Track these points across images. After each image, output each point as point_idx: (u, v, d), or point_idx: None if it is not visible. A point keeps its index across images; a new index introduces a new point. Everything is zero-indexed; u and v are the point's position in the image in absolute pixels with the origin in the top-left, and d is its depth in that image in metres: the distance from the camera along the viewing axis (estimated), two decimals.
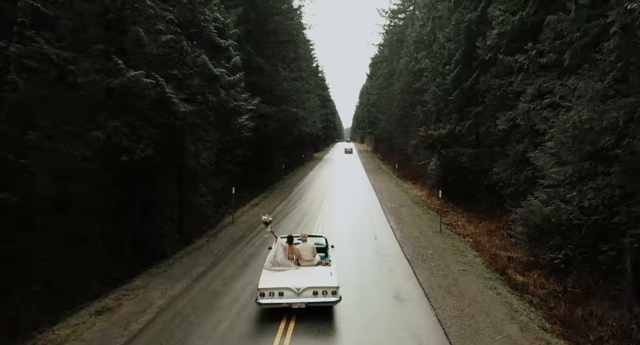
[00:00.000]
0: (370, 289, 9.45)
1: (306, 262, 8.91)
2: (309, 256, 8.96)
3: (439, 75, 20.75)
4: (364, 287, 9.57)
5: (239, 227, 16.40)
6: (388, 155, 55.56)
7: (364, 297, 8.99)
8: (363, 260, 11.75)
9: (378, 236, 14.54)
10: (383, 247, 13.05)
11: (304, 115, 27.66)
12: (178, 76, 11.35)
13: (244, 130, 17.49)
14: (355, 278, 10.12)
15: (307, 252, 8.99)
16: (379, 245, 13.18)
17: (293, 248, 9.02)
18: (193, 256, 12.32)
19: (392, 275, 10.38)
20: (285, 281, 8.05)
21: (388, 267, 11.04)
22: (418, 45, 35.54)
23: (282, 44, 28.63)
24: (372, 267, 11.01)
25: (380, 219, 17.63)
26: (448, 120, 20.39)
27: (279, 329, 7.52)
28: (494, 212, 18.34)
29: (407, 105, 39.53)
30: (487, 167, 18.69)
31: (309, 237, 9.34)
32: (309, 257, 8.96)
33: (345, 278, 9.62)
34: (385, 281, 9.95)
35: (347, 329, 7.56)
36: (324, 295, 7.89)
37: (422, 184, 30.11)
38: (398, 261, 11.59)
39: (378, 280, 10.07)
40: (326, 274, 8.41)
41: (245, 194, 26.44)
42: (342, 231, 15.10)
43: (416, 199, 23.72)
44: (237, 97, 14.70)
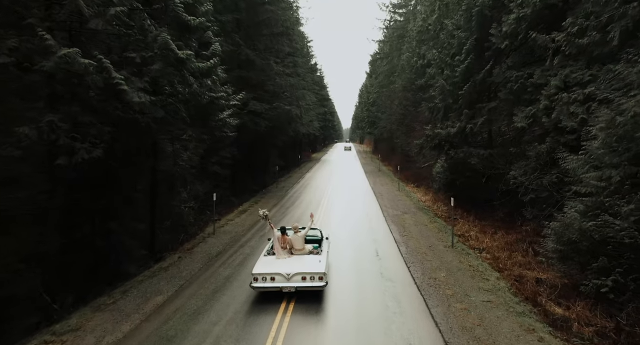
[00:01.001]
0: (374, 337, 7.28)
1: (298, 251, 9.84)
2: (299, 245, 9.87)
3: (447, 67, 18.63)
4: (364, 330, 7.40)
5: (220, 240, 14.25)
6: (388, 155, 53.43)
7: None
8: (364, 286, 9.60)
9: (380, 252, 12.39)
10: (386, 267, 10.91)
11: (298, 113, 25.49)
12: (136, 60, 9.20)
13: (226, 128, 15.32)
14: (353, 315, 7.96)
15: (298, 242, 9.88)
16: (381, 266, 11.03)
17: (286, 238, 9.89)
18: (155, 280, 10.16)
19: (400, 310, 8.15)
20: (277, 267, 8.90)
21: (394, 296, 8.87)
22: (422, 37, 33.54)
23: (275, 37, 26.49)
24: (374, 298, 8.81)
25: (381, 230, 15.50)
26: (457, 118, 18.26)
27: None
28: (511, 221, 16.21)
29: (409, 104, 37.49)
30: (503, 170, 16.59)
31: (302, 230, 10.09)
32: (300, 246, 9.88)
33: (344, 316, 7.68)
34: (393, 322, 7.70)
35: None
36: (311, 280, 8.64)
37: (426, 187, 27.97)
38: (406, 288, 9.43)
39: (383, 319, 7.86)
40: (315, 262, 9.24)
41: (234, 198, 24.31)
42: (339, 246, 12.98)
43: (420, 205, 21.58)
44: (215, 89, 12.54)
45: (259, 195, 25.93)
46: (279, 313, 8.10)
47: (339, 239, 13.88)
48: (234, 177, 27.01)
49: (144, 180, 14.07)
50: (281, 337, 7.13)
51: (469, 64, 17.28)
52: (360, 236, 14.43)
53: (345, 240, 13.87)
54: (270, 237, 10.28)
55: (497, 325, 7.47)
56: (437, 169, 22.63)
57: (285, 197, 24.20)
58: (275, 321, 7.72)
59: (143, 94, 8.76)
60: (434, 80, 20.34)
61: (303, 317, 7.89)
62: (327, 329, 7.40)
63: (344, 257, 11.79)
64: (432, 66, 21.11)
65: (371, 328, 7.40)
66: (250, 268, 9.52)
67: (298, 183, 31.17)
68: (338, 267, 10.87)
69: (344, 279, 10.04)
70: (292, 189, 27.78)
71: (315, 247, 10.31)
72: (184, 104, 11.32)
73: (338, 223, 16.32)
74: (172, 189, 15.94)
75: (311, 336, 7.18)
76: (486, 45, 17.03)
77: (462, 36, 17.60)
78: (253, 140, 27.77)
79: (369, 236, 14.47)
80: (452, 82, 18.25)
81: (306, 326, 7.54)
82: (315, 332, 7.32)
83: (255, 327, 7.50)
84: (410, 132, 35.31)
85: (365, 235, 14.61)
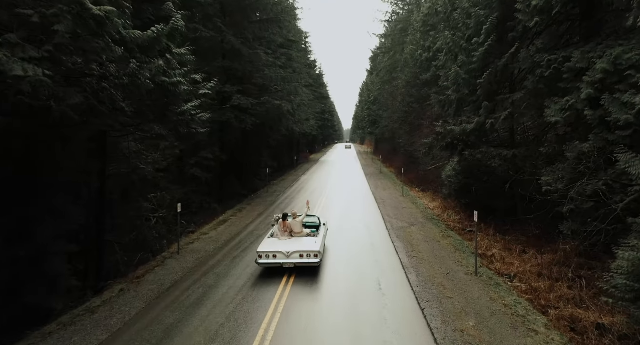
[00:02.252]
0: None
1: (297, 234, 11.24)
2: (298, 229, 11.28)
3: (462, 52, 15.74)
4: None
5: (182, 263, 11.37)
6: (390, 157, 50.52)
7: None
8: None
9: (384, 283, 9.50)
10: (392, 310, 8.01)
11: (290, 109, 22.58)
12: (33, 19, 6.36)
13: (194, 124, 12.46)
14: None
15: (296, 226, 11.31)
16: (385, 307, 8.12)
17: (286, 223, 11.27)
18: (71, 330, 7.29)
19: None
20: (279, 247, 10.26)
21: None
22: (430, 21, 30.84)
23: (265, 24, 23.63)
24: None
25: (385, 248, 12.63)
26: (474, 112, 15.38)
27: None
28: (543, 237, 13.35)
29: (413, 100, 34.68)
30: (531, 174, 13.74)
31: (299, 217, 11.64)
32: (299, 229, 11.28)
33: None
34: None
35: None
36: (307, 258, 9.99)
37: (433, 192, 25.08)
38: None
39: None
40: (311, 242, 10.55)
41: (217, 205, 21.47)
42: (331, 272, 10.11)
43: (429, 214, 18.70)
44: (171, 73, 9.69)
45: (246, 201, 23.08)
46: (281, 285, 9.40)
47: (333, 263, 11.02)
48: (218, 182, 24.18)
49: (85, 188, 11.22)
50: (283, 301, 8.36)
51: (489, 48, 14.41)
52: (359, 258, 11.54)
53: (340, 263, 11.01)
54: (274, 223, 12.08)
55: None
56: (447, 172, 19.73)
57: (275, 204, 21.33)
58: (277, 291, 8.96)
59: (33, 66, 5.90)
60: (445, 70, 17.43)
61: (301, 288, 9.19)
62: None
63: (337, 294, 8.89)
64: (443, 52, 18.23)
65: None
66: (211, 315, 7.80)
67: (292, 187, 28.29)
68: (329, 311, 8.01)
69: (330, 328, 7.18)
70: (284, 194, 24.91)
71: (313, 232, 11.77)
72: (121, 89, 8.46)
73: (333, 239, 13.44)
74: (127, 197, 13.10)
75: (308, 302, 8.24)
76: (509, 24, 14.20)
77: (481, 14, 14.72)
78: (240, 139, 24.96)
79: (369, 257, 11.59)
80: (468, 70, 15.38)
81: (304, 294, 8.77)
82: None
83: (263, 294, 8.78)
84: (414, 131, 32.46)
85: (365, 256, 11.72)
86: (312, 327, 7.29)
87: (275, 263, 9.92)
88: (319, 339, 6.87)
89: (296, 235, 11.15)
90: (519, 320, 7.53)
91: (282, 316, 7.70)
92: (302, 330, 7.15)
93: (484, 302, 8.34)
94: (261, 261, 10.00)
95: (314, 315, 7.78)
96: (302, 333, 7.05)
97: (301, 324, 7.41)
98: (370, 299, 8.51)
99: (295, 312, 7.91)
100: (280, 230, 11.16)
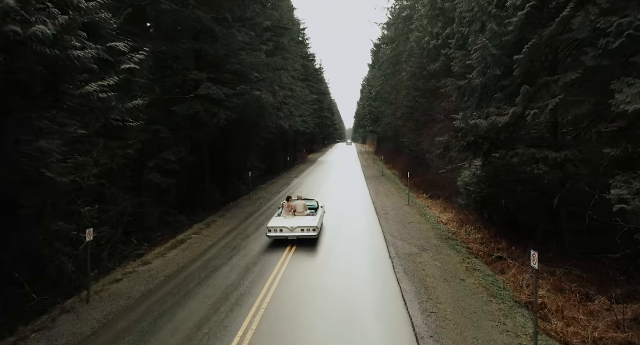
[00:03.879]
0: None
1: (299, 213, 13.63)
2: (301, 209, 13.74)
3: (490, 20, 11.85)
4: None
5: (77, 327, 7.54)
6: (393, 157, 46.61)
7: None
8: None
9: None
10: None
11: (274, 101, 18.69)
12: None
13: (113, 113, 8.65)
14: None
15: (300, 206, 13.84)
16: None
17: (291, 204, 13.84)
18: None
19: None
20: (284, 223, 12.57)
21: None
22: (437, 5, 27.15)
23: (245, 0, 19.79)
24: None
25: (389, 290, 8.82)
26: (508, 100, 11.50)
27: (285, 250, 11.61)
28: (612, 273, 9.53)
29: (419, 94, 30.81)
30: (590, 185, 9.95)
31: (304, 200, 14.53)
32: (301, 210, 13.73)
33: None
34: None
35: None
36: (308, 232, 12.29)
37: (445, 199, 21.25)
38: None
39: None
40: (311, 220, 12.96)
41: (185, 217, 17.68)
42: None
43: (443, 231, 14.87)
44: (37, 21, 5.90)
45: (223, 210, 19.31)
46: (285, 252, 11.64)
47: (312, 330, 7.25)
48: (189, 188, 20.39)
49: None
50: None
51: (529, 13, 10.55)
52: (352, 314, 7.73)
53: (323, 331, 7.24)
54: (280, 206, 14.55)
55: None
56: (465, 179, 15.89)
57: (253, 216, 17.51)
58: (283, 255, 11.22)
59: None
60: (468, 44, 13.52)
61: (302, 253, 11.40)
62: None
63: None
64: (466, 20, 14.34)
65: None
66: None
67: (280, 192, 24.48)
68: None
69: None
70: (268, 202, 21.10)
71: (312, 212, 13.99)
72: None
73: (315, 281, 9.62)
74: (11, 214, 9.27)
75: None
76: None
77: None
78: (220, 137, 21.18)
79: (367, 316, 7.77)
80: (499, 44, 11.54)
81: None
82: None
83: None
84: (421, 128, 28.56)
85: (360, 313, 7.90)
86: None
87: (281, 236, 12.35)
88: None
89: (299, 215, 13.56)
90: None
91: (287, 269, 9.84)
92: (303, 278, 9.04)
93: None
94: (270, 234, 12.43)
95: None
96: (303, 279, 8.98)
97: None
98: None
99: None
100: (285, 210, 13.70)
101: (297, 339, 6.75)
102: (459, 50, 28.29)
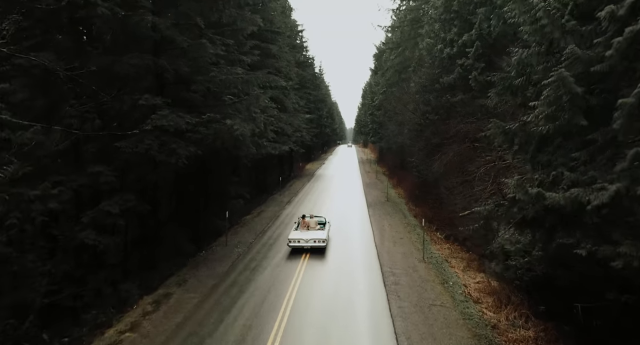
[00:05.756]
0: None
1: (312, 228, 17.38)
2: (313, 225, 17.60)
3: (565, 38, 7.72)
4: None
5: None
6: (397, 171, 42.59)
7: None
8: None
9: None
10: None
11: (248, 132, 14.49)
12: None
13: None
14: None
15: (312, 223, 17.71)
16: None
17: (305, 221, 17.79)
18: None
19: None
20: (301, 235, 16.41)
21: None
22: (451, 8, 23.18)
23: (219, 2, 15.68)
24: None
25: None
26: (590, 160, 7.40)
27: (302, 257, 15.49)
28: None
29: (430, 109, 26.73)
30: None
31: (315, 217, 18.56)
32: (313, 225, 17.59)
33: None
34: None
35: None
36: (319, 243, 16.08)
37: (467, 249, 17.29)
38: None
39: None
40: (321, 233, 16.75)
41: (132, 285, 13.54)
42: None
43: (477, 319, 10.81)
44: None
45: (189, 266, 15.25)
46: (302, 258, 15.49)
47: None
48: (144, 234, 16.29)
49: None
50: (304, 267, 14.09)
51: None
52: None
53: None
54: (296, 222, 18.51)
55: None
56: (507, 245, 11.78)
57: (222, 286, 13.41)
58: (300, 261, 15.09)
59: None
60: (507, 65, 9.27)
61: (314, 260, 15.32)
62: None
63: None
64: (525, 31, 10.16)
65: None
66: None
67: (265, 232, 20.39)
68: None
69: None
70: (247, 254, 16.95)
71: (321, 227, 17.75)
72: None
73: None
74: None
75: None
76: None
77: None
78: (191, 166, 17.05)
79: None
80: (581, 75, 7.42)
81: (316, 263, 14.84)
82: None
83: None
84: (432, 151, 24.44)
85: None
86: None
87: (299, 245, 16.16)
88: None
89: (311, 229, 17.34)
90: None
91: (305, 271, 14.02)
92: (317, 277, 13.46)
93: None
94: (291, 244, 16.23)
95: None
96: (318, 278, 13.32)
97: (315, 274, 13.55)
98: None
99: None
100: (301, 225, 17.68)
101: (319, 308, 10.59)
102: (477, 61, 24.05)
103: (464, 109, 22.83)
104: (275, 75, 28.71)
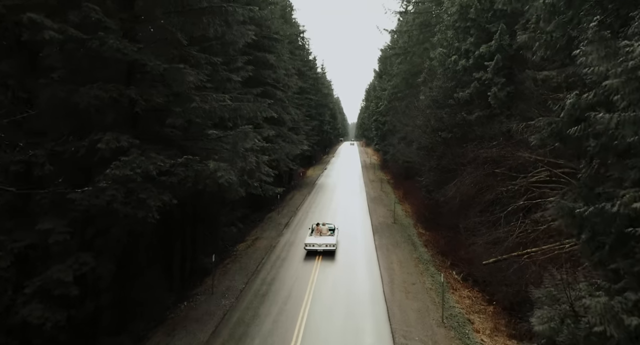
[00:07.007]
0: None
1: (324, 234, 20.99)
2: (325, 232, 21.20)
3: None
4: None
5: None
6: (403, 182, 40.18)
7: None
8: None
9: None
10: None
11: (234, 179, 12.06)
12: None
13: None
14: None
15: (324, 230, 21.29)
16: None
17: (319, 228, 21.49)
18: None
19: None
20: (315, 240, 19.92)
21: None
22: (467, 15, 20.82)
23: (203, 14, 13.21)
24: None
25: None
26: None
27: (316, 258, 18.85)
28: None
29: (444, 127, 24.30)
30: None
31: (327, 224, 22.09)
32: (325, 232, 21.17)
33: None
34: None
35: None
36: (330, 246, 19.55)
37: (487, 290, 14.99)
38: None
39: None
40: (331, 239, 20.23)
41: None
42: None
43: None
44: None
45: (160, 333, 12.91)
46: (316, 259, 18.87)
47: None
48: (116, 291, 13.97)
49: None
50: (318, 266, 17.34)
51: None
52: None
53: None
54: (310, 228, 22.12)
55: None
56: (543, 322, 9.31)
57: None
58: (315, 261, 18.51)
59: None
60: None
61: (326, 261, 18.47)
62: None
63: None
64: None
65: None
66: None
67: (259, 273, 18.01)
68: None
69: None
70: (233, 313, 14.60)
71: (331, 233, 21.29)
72: None
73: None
74: None
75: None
76: None
77: None
78: (163, 214, 14.65)
79: None
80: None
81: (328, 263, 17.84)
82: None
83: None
84: (447, 179, 21.95)
85: None
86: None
87: (313, 249, 19.51)
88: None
89: (323, 235, 20.99)
90: None
91: (320, 270, 17.42)
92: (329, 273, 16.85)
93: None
94: (307, 247, 19.59)
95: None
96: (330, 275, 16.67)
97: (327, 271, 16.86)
98: None
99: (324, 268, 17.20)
100: (315, 231, 21.29)
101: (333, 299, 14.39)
102: (496, 75, 21.44)
103: (483, 130, 20.41)
104: (273, 86, 26.28)
